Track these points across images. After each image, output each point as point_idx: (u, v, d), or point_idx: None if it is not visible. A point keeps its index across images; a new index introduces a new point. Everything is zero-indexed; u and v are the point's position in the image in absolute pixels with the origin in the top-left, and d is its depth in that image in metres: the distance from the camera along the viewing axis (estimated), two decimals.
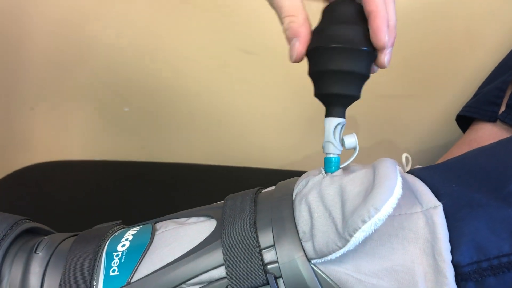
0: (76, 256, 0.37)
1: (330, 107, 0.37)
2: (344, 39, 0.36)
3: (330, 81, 0.37)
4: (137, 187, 0.69)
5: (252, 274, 0.33)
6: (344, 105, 0.37)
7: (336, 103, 0.37)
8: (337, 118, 0.37)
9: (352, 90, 0.37)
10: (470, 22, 0.66)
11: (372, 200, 0.31)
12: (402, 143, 0.72)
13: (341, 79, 0.36)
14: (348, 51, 0.36)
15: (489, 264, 0.32)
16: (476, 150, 0.39)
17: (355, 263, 0.33)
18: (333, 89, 0.37)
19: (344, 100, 0.37)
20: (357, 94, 0.37)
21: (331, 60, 0.36)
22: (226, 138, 0.75)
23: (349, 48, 0.36)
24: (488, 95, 0.56)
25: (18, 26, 0.72)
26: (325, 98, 0.38)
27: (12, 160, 0.76)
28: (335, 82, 0.36)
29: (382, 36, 0.35)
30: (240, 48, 0.70)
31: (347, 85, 0.37)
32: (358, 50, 0.36)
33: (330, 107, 0.37)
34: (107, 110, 0.76)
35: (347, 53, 0.36)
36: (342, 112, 0.37)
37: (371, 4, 0.35)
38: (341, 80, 0.36)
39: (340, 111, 0.37)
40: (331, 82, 0.37)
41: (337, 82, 0.36)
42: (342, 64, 0.36)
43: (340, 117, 0.37)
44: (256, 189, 0.39)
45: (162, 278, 0.34)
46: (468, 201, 0.33)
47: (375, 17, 0.35)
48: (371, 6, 0.35)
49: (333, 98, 0.37)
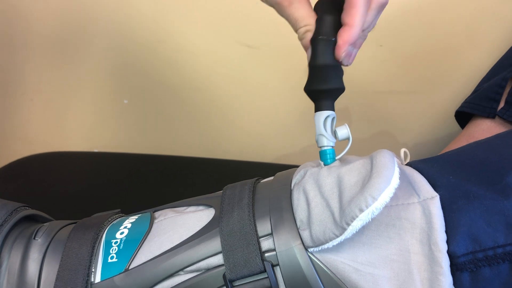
0: (75, 243, 0.37)
1: (317, 101, 0.38)
2: (321, 31, 0.37)
3: (313, 77, 0.38)
4: (136, 179, 0.69)
5: (249, 261, 0.33)
6: (330, 99, 0.38)
7: (321, 98, 0.38)
8: (326, 111, 0.38)
9: (334, 83, 0.37)
10: (469, 19, 0.66)
11: (369, 189, 0.31)
12: (401, 139, 0.72)
13: (321, 73, 0.37)
14: (323, 42, 0.36)
15: (484, 255, 0.32)
16: (474, 144, 0.39)
17: (352, 252, 0.33)
18: (315, 85, 0.37)
19: (328, 94, 0.38)
20: (340, 86, 0.38)
21: (314, 54, 0.37)
22: (225, 131, 0.75)
23: (324, 39, 0.36)
24: (487, 91, 0.56)
25: (18, 17, 0.72)
26: (310, 94, 0.38)
27: (12, 150, 0.76)
28: (317, 77, 0.37)
29: (340, 53, 0.36)
30: (240, 42, 0.70)
31: (328, 79, 0.37)
32: (330, 41, 0.36)
33: (317, 102, 0.38)
34: (106, 102, 0.76)
35: (323, 45, 0.36)
36: (330, 105, 0.38)
37: (350, 16, 0.35)
38: (321, 74, 0.37)
39: (327, 104, 0.38)
40: (313, 78, 0.38)
41: (319, 77, 0.37)
42: (320, 58, 0.37)
43: (328, 110, 0.38)
44: (254, 179, 0.40)
45: (160, 264, 0.35)
46: (464, 192, 0.34)
47: (345, 31, 0.35)
48: (348, 18, 0.35)
49: (317, 93, 0.38)
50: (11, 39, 0.73)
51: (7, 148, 0.77)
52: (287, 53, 0.69)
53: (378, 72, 0.69)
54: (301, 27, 0.37)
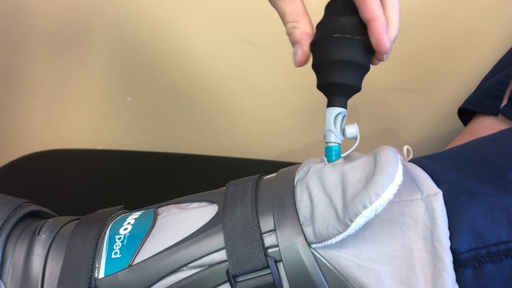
0: (78, 239, 0.37)
1: (331, 97, 0.38)
2: (343, 29, 0.36)
3: (330, 71, 0.37)
4: (139, 176, 0.69)
5: (252, 257, 0.34)
6: (345, 96, 0.38)
7: (336, 93, 0.38)
8: (338, 108, 0.38)
9: (351, 80, 0.37)
10: (472, 17, 0.66)
11: (373, 186, 0.31)
12: (403, 136, 0.72)
13: (340, 68, 0.37)
14: (347, 40, 0.36)
15: (487, 251, 0.32)
16: (476, 140, 0.39)
17: (355, 249, 0.33)
18: (332, 79, 0.37)
19: (343, 90, 0.38)
20: (357, 84, 0.38)
21: (332, 49, 0.37)
22: (228, 129, 0.75)
23: (348, 38, 0.36)
24: (490, 89, 0.56)
25: (22, 15, 0.72)
26: (326, 88, 0.38)
27: (15, 148, 0.76)
28: (334, 71, 0.37)
29: (383, 45, 0.35)
30: (243, 39, 0.70)
31: (346, 75, 0.37)
32: (356, 39, 0.36)
33: (331, 97, 0.38)
34: (110, 100, 0.76)
35: (346, 42, 0.36)
36: (343, 102, 0.38)
37: (368, 12, 0.35)
38: (340, 69, 0.37)
39: (340, 101, 0.38)
40: (331, 72, 0.37)
41: (337, 72, 0.37)
42: (341, 53, 0.36)
43: (341, 106, 0.38)
44: (257, 175, 0.40)
45: (163, 260, 0.35)
46: (467, 189, 0.34)
47: (375, 27, 0.35)
48: (367, 14, 0.35)
49: (333, 88, 0.38)
50: (15, 37, 0.73)
51: (11, 145, 0.77)
52: (290, 51, 0.69)
53: (381, 70, 0.69)
54: (289, 22, 0.37)
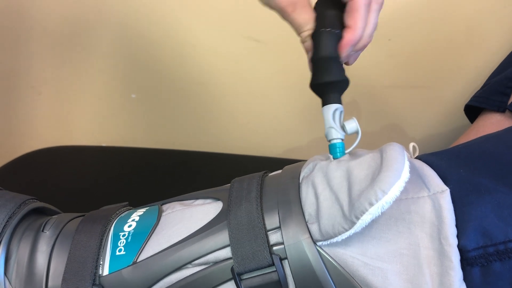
0: (83, 236, 0.37)
1: (323, 96, 0.38)
2: (323, 23, 0.37)
3: (317, 71, 0.38)
4: (143, 173, 0.69)
5: (257, 255, 0.33)
6: (337, 91, 0.38)
7: (327, 91, 0.38)
8: (334, 104, 0.38)
9: (338, 75, 0.37)
10: (479, 14, 0.66)
11: (379, 183, 0.31)
12: (409, 133, 0.72)
13: (326, 65, 0.37)
14: (328, 34, 0.37)
15: (495, 249, 0.32)
16: (484, 137, 0.39)
17: (361, 246, 0.33)
18: (320, 79, 0.37)
19: (333, 87, 0.38)
20: (342, 78, 0.38)
21: (318, 45, 0.37)
22: (232, 126, 0.75)
23: (327, 31, 0.37)
24: (497, 85, 0.55)
25: (26, 11, 0.72)
26: (316, 89, 0.38)
27: (20, 144, 0.76)
28: (322, 69, 0.37)
29: (344, 51, 0.37)
30: (248, 36, 0.70)
31: (333, 71, 0.37)
32: (333, 32, 0.37)
33: (324, 96, 0.38)
34: (114, 97, 0.76)
35: (328, 37, 0.37)
36: (337, 98, 0.38)
37: (352, 18, 0.37)
38: (326, 66, 0.37)
39: (334, 97, 0.38)
40: (317, 72, 0.38)
41: (324, 70, 0.37)
42: (325, 49, 0.37)
43: (336, 102, 0.38)
44: (262, 172, 0.39)
45: (168, 257, 0.35)
46: (475, 186, 0.33)
47: (347, 33, 0.37)
48: (350, 20, 0.37)
49: (322, 87, 0.38)
50: (19, 34, 0.73)
51: (16, 142, 0.77)
52: (294, 48, 0.68)
53: (387, 66, 0.68)
54: (305, 31, 0.38)
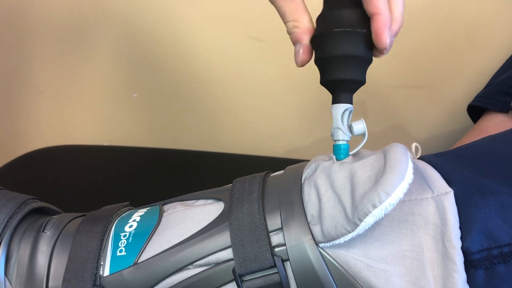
0: (83, 236, 0.37)
1: (336, 93, 0.37)
2: (343, 23, 0.36)
3: (333, 67, 0.36)
4: (145, 173, 0.69)
5: (259, 256, 0.33)
6: (350, 91, 0.37)
7: (341, 89, 0.37)
8: (344, 104, 0.37)
9: (355, 74, 0.36)
10: (483, 14, 0.65)
11: (383, 185, 0.30)
12: (412, 133, 0.71)
13: (344, 63, 0.36)
14: (348, 34, 0.35)
15: (500, 252, 0.32)
16: (488, 138, 0.38)
17: (364, 248, 0.33)
18: (336, 75, 0.36)
19: (349, 86, 0.37)
20: (361, 78, 0.37)
21: (333, 44, 0.36)
22: (234, 125, 0.75)
23: (349, 31, 0.35)
24: (500, 85, 0.55)
25: (28, 10, 0.72)
26: (330, 85, 0.37)
27: (22, 143, 0.76)
28: (338, 67, 0.36)
29: (383, 41, 0.35)
30: (250, 36, 0.70)
31: (350, 70, 0.36)
32: (357, 32, 0.35)
33: (336, 94, 0.37)
34: (116, 96, 0.76)
35: (348, 37, 0.35)
36: (349, 98, 0.37)
37: (372, 6, 0.34)
38: (343, 64, 0.36)
39: (346, 97, 0.37)
40: (334, 68, 0.36)
41: (340, 67, 0.36)
42: (343, 48, 0.35)
43: (347, 103, 0.37)
44: (264, 172, 0.39)
45: (169, 258, 0.34)
46: (479, 188, 0.33)
47: (377, 21, 0.34)
48: (371, 8, 0.34)
49: (337, 84, 0.37)
50: (21, 33, 0.73)
51: (17, 141, 0.77)
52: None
53: (389, 66, 0.68)
54: (289, 21, 0.37)
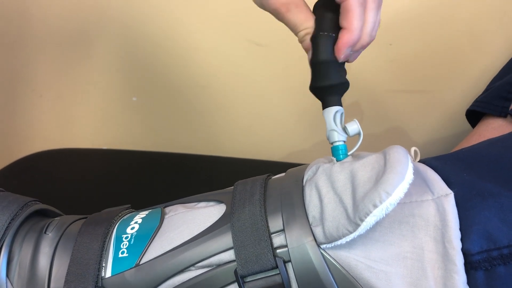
0: (85, 238, 0.37)
1: (324, 99, 0.38)
2: (324, 27, 0.37)
3: (319, 73, 0.37)
4: (145, 176, 0.69)
5: (261, 257, 0.33)
6: (336, 94, 0.38)
7: (328, 93, 0.38)
8: (334, 107, 0.38)
9: (338, 79, 0.37)
10: (481, 19, 0.66)
11: (383, 185, 0.31)
12: (410, 137, 0.72)
13: (325, 69, 0.37)
14: (327, 38, 0.36)
15: (499, 253, 0.32)
16: (487, 141, 0.39)
17: (365, 249, 0.33)
18: (321, 82, 0.37)
19: (334, 90, 0.38)
20: (342, 80, 0.37)
21: (316, 49, 0.37)
22: (234, 129, 0.75)
23: (327, 35, 0.36)
24: (499, 90, 0.55)
25: (27, 14, 0.72)
26: (317, 91, 0.38)
27: (21, 146, 0.76)
28: (322, 73, 0.37)
29: (339, 54, 0.36)
30: (249, 39, 0.70)
31: (333, 75, 0.37)
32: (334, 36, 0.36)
33: (324, 99, 0.38)
34: (115, 99, 0.76)
35: (326, 41, 0.36)
36: (337, 100, 0.38)
37: (347, 21, 0.35)
38: (325, 70, 0.37)
39: (334, 100, 0.38)
40: (319, 74, 0.37)
41: (323, 73, 0.37)
42: (323, 53, 0.37)
43: (337, 105, 0.38)
44: (266, 175, 0.39)
45: (171, 260, 0.35)
46: (479, 190, 0.33)
47: (343, 36, 0.36)
48: (345, 22, 0.35)
49: (321, 91, 0.38)
50: (20, 35, 0.73)
51: (17, 144, 0.77)
52: (296, 51, 0.69)
53: (388, 71, 0.69)
54: (301, 31, 0.37)
